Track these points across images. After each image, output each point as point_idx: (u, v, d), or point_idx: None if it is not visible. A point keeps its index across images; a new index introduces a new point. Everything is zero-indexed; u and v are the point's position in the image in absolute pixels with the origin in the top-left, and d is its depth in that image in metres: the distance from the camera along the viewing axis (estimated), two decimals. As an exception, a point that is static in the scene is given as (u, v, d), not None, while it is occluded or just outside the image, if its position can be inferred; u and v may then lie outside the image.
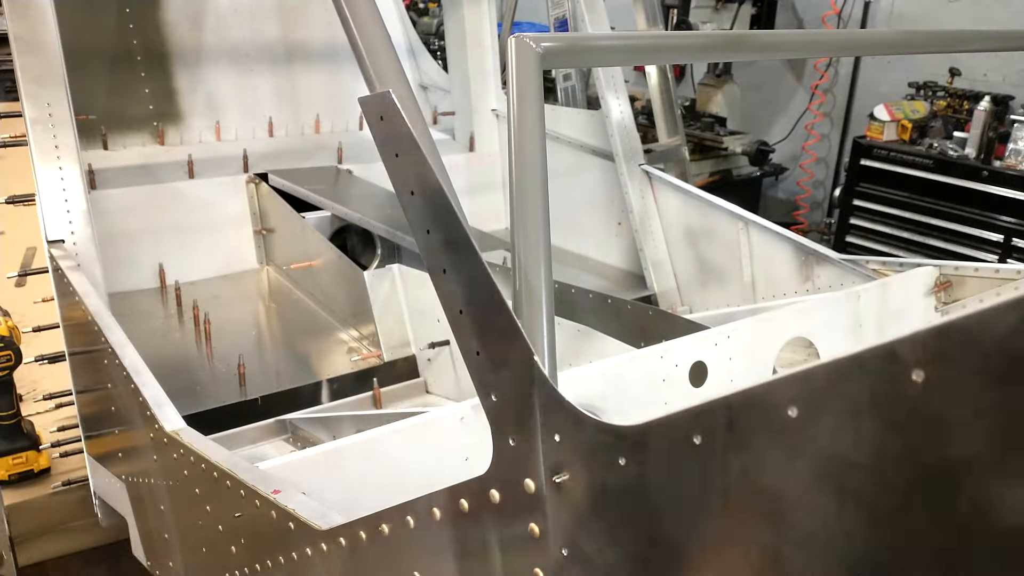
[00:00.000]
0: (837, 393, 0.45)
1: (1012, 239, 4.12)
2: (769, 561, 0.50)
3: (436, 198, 0.63)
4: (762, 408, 0.48)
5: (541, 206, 0.69)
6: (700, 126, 5.39)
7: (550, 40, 0.79)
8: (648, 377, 1.64)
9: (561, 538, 0.61)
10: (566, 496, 0.60)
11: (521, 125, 0.72)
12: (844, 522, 0.46)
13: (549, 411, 0.60)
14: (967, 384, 0.42)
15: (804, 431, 0.46)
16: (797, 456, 0.47)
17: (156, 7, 3.58)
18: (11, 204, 2.29)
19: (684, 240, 3.09)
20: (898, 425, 0.43)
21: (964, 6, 4.75)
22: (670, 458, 0.53)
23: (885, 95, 4.99)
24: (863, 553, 0.46)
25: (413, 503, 0.74)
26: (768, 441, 0.48)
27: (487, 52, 3.92)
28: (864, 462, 0.45)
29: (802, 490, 0.48)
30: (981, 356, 0.41)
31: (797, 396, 0.46)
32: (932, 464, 0.43)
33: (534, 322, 0.64)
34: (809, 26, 5.56)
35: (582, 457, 0.58)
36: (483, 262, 0.61)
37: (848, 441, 0.45)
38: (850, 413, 0.45)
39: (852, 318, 1.98)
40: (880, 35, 3.22)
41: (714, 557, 0.53)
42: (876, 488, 0.45)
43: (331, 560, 0.96)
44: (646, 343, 1.85)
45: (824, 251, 2.44)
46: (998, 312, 0.40)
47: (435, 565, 0.74)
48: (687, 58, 3.38)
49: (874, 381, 0.43)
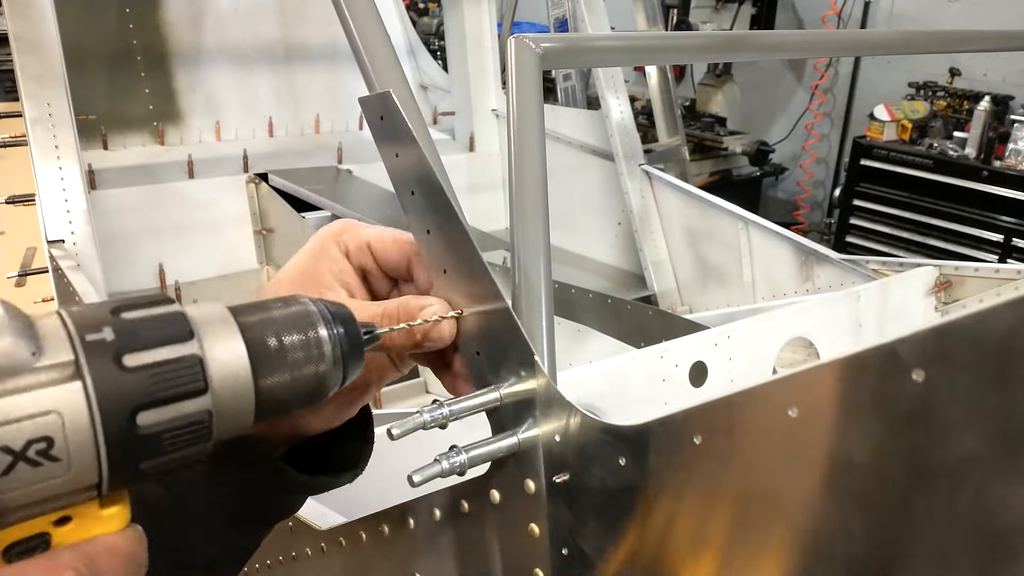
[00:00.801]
0: (838, 393, 0.45)
1: (1012, 239, 4.12)
2: (770, 561, 0.50)
3: (437, 198, 0.63)
4: (763, 408, 0.48)
5: (541, 206, 0.69)
6: (700, 126, 5.39)
7: (550, 40, 0.79)
8: (648, 377, 1.64)
9: (561, 538, 0.61)
10: (567, 496, 0.60)
11: (521, 126, 0.72)
12: (845, 522, 0.46)
13: (550, 411, 0.60)
14: (968, 384, 0.42)
15: (805, 431, 0.46)
16: (798, 456, 0.47)
17: (156, 7, 3.58)
18: (11, 204, 2.29)
19: (684, 240, 3.09)
20: (899, 425, 0.43)
21: (964, 6, 4.76)
22: (671, 458, 0.53)
23: (885, 95, 4.99)
24: (863, 553, 0.46)
25: (413, 503, 0.74)
26: (769, 441, 0.48)
27: (487, 52, 3.92)
28: (865, 462, 0.45)
29: (803, 490, 0.48)
30: (982, 356, 0.41)
31: (798, 396, 0.46)
32: (933, 464, 0.43)
33: (534, 322, 0.64)
34: (809, 26, 5.56)
35: (583, 457, 0.58)
36: (484, 262, 0.61)
37: (849, 441, 0.45)
38: (851, 413, 0.45)
39: (852, 318, 1.98)
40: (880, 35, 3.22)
41: (715, 558, 0.53)
42: (877, 488, 0.45)
43: (331, 560, 0.96)
44: (646, 343, 1.85)
45: (824, 251, 2.44)
46: (999, 311, 0.40)
47: (435, 565, 0.74)
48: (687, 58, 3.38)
49: (875, 381, 0.43)
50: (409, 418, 0.58)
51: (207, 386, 0.44)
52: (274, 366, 0.48)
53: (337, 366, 0.52)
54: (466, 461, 0.59)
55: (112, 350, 0.42)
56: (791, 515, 0.48)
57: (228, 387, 0.46)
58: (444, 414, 0.60)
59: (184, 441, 0.44)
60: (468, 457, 0.60)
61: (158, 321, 0.44)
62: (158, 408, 0.43)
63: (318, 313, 0.51)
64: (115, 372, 0.42)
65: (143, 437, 0.42)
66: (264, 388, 0.48)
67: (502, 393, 0.61)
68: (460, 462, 0.59)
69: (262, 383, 0.48)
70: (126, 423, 0.42)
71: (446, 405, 0.60)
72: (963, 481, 0.43)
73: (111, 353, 0.42)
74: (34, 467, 0.40)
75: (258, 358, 0.47)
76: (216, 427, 0.45)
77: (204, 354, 0.45)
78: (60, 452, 0.40)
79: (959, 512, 0.43)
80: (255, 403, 0.47)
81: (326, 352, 0.51)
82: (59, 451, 0.40)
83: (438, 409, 0.60)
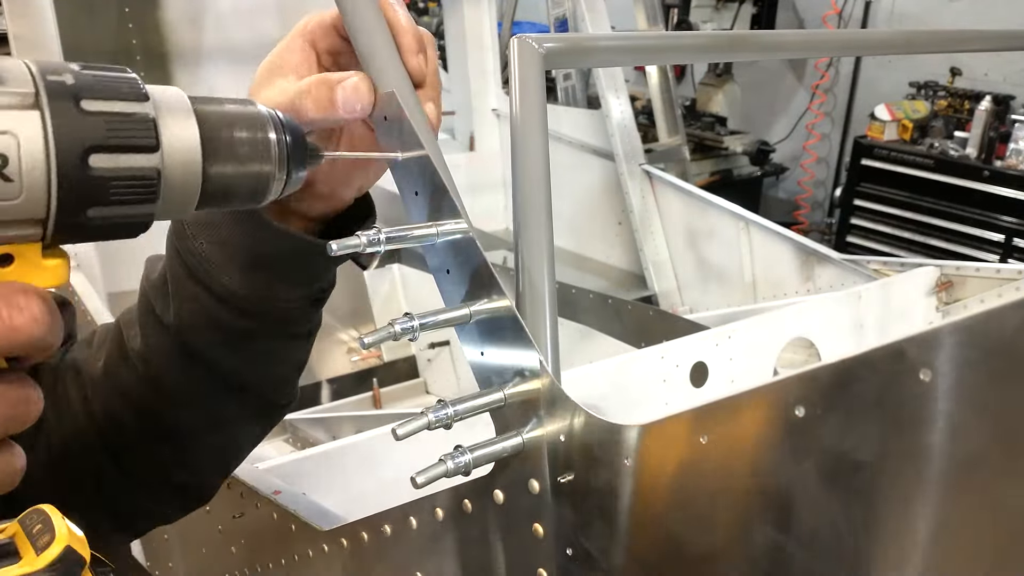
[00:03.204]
0: (844, 392, 0.45)
1: (1013, 239, 4.11)
2: (774, 561, 0.50)
3: (441, 199, 0.63)
4: (769, 408, 0.48)
5: (545, 207, 0.69)
6: (700, 126, 5.38)
7: (553, 41, 0.79)
8: (648, 377, 1.64)
9: (566, 539, 0.61)
10: (571, 496, 0.60)
11: (524, 126, 0.72)
12: (850, 521, 0.46)
13: (554, 411, 0.60)
14: (974, 383, 0.42)
15: (811, 430, 0.46)
16: (804, 456, 0.47)
17: (156, 7, 3.57)
18: (11, 204, 2.29)
19: (685, 240, 3.09)
20: (905, 424, 0.43)
21: (965, 5, 4.75)
22: (676, 458, 0.53)
23: (886, 95, 4.99)
24: (868, 552, 0.46)
25: (416, 503, 0.73)
26: (775, 441, 0.48)
27: (487, 52, 3.92)
28: (871, 461, 0.45)
29: (808, 490, 0.48)
30: (988, 355, 0.41)
31: (804, 395, 0.46)
32: (939, 463, 0.43)
33: (538, 321, 0.64)
34: (810, 26, 5.56)
35: (588, 457, 0.58)
36: (488, 263, 0.61)
37: (855, 441, 0.45)
38: (857, 413, 0.45)
39: (853, 318, 1.97)
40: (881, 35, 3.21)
41: (719, 558, 0.53)
42: (882, 488, 0.45)
43: (332, 561, 0.96)
44: (646, 343, 1.85)
45: (825, 251, 2.43)
46: (1005, 312, 0.40)
47: (438, 566, 0.74)
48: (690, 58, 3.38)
49: (882, 380, 0.43)
50: (414, 418, 0.58)
51: (159, 145, 0.47)
52: (221, 155, 0.51)
53: (280, 168, 0.54)
54: (470, 461, 0.59)
55: (71, 92, 0.44)
56: (797, 514, 0.48)
57: (178, 158, 0.48)
58: (448, 414, 0.60)
59: (131, 195, 0.46)
60: (472, 457, 0.59)
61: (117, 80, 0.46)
62: (111, 154, 0.45)
63: (269, 118, 0.54)
64: (73, 111, 0.44)
65: (93, 179, 0.44)
66: (210, 175, 0.50)
67: (506, 393, 0.61)
68: (464, 462, 0.59)
69: (209, 169, 0.50)
70: (78, 161, 0.44)
71: (450, 405, 0.60)
72: (969, 480, 0.43)
73: (70, 95, 0.44)
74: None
75: (208, 144, 0.50)
76: (162, 192, 0.47)
77: (158, 120, 0.47)
78: (12, 173, 0.42)
79: (965, 511, 0.43)
80: (200, 187, 0.50)
81: (272, 154, 0.54)
82: (11, 172, 0.42)
83: (442, 409, 0.60)
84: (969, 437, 0.42)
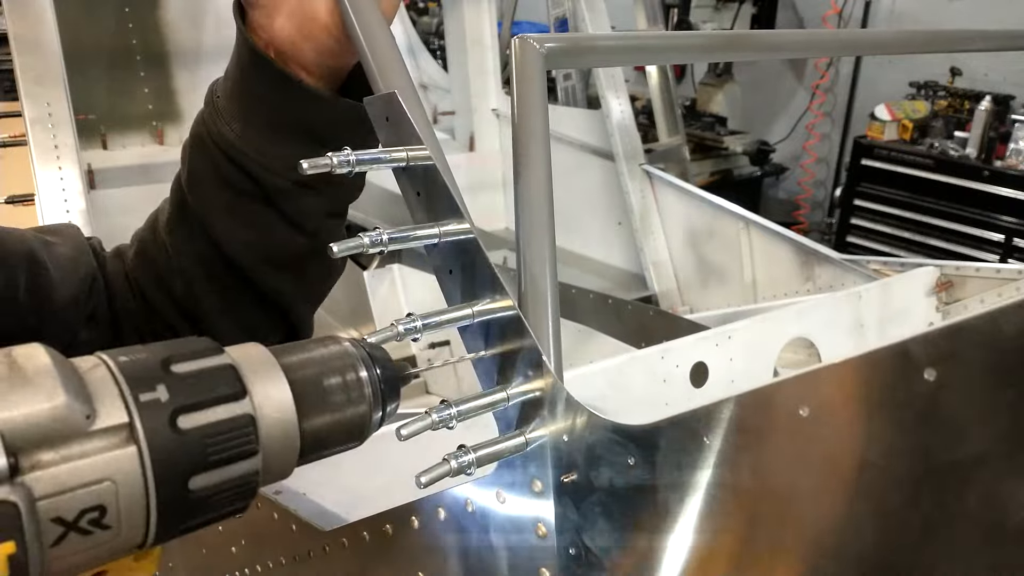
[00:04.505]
0: (849, 392, 0.45)
1: (1013, 239, 4.11)
2: (778, 560, 0.50)
3: (443, 199, 0.62)
4: (773, 407, 0.48)
5: (546, 207, 0.69)
6: (700, 126, 5.38)
7: (553, 40, 0.79)
8: (648, 377, 1.63)
9: (569, 538, 0.61)
10: (574, 496, 0.60)
11: (525, 127, 0.72)
12: (856, 521, 0.46)
13: (557, 411, 0.60)
14: (979, 382, 0.42)
15: (815, 430, 0.46)
16: (808, 455, 0.47)
17: (155, 7, 3.57)
18: (10, 204, 2.28)
19: (685, 240, 3.09)
20: (910, 423, 0.43)
21: (965, 5, 4.75)
22: (680, 458, 0.53)
23: (886, 95, 4.99)
24: (874, 552, 0.46)
25: (417, 503, 0.73)
26: (779, 440, 0.48)
27: (487, 52, 3.92)
28: (876, 461, 0.45)
29: (813, 489, 0.47)
30: (993, 355, 0.41)
31: (808, 395, 0.46)
32: (944, 462, 0.43)
33: (541, 322, 0.64)
34: (809, 26, 5.56)
35: (591, 457, 0.58)
36: (490, 263, 0.61)
37: (860, 440, 0.45)
38: (862, 412, 0.45)
39: (853, 318, 1.97)
40: (881, 35, 3.21)
41: (723, 557, 0.53)
42: (888, 487, 0.45)
43: (333, 561, 0.95)
44: (647, 343, 1.85)
45: (825, 251, 2.43)
46: (1009, 312, 0.40)
47: (440, 566, 0.74)
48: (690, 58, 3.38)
49: (887, 380, 0.43)
50: (418, 419, 0.58)
51: (259, 447, 0.44)
52: (317, 410, 0.49)
53: (376, 407, 0.53)
54: (474, 461, 0.59)
55: (167, 412, 0.41)
56: (802, 514, 0.48)
57: (277, 441, 0.46)
58: (452, 414, 0.60)
59: (231, 499, 0.44)
60: (476, 457, 0.59)
61: (210, 377, 0.43)
62: (211, 471, 0.42)
63: (356, 355, 0.52)
64: (170, 436, 0.41)
65: (194, 500, 0.42)
66: (307, 432, 0.48)
67: (509, 393, 0.61)
68: (468, 462, 0.59)
69: (305, 427, 0.48)
70: (179, 488, 0.41)
71: (454, 405, 0.60)
72: (974, 479, 0.43)
73: (166, 415, 0.41)
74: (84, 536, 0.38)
75: (302, 403, 0.47)
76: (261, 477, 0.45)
77: (256, 411, 0.44)
78: (111, 520, 0.39)
79: (971, 510, 0.43)
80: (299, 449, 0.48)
81: (366, 394, 0.52)
82: (111, 519, 0.39)
83: (446, 409, 0.60)
84: (975, 436, 0.42)
